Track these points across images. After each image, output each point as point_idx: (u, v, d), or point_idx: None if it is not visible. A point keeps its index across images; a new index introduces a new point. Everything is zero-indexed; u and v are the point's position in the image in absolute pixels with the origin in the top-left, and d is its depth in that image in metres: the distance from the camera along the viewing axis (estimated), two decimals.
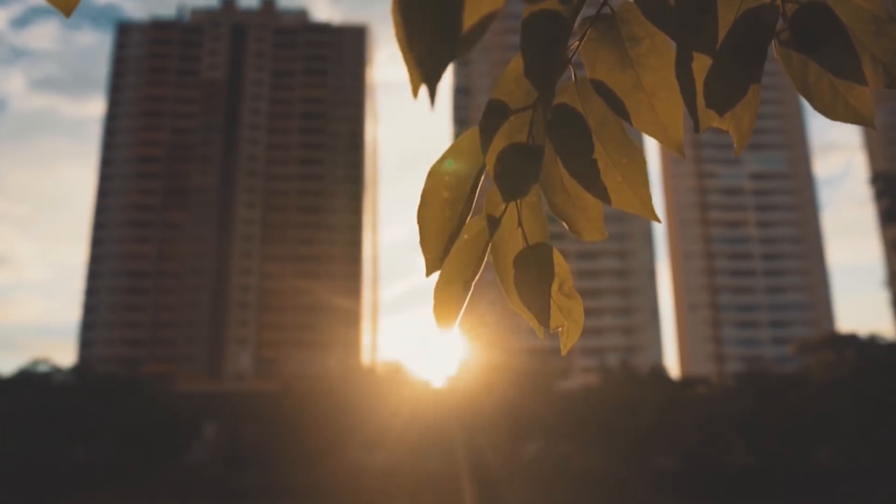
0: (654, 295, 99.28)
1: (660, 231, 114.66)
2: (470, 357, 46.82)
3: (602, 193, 1.12)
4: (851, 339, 50.75)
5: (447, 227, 1.10)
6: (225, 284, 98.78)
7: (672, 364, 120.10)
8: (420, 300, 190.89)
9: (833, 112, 1.10)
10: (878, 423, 43.20)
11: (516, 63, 1.09)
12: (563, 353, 1.19)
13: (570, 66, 1.10)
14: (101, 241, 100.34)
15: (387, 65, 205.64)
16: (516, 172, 1.08)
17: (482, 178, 1.12)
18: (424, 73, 0.78)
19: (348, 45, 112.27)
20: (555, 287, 1.18)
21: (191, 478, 47.66)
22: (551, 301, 1.17)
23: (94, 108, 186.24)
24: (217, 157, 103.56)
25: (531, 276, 1.15)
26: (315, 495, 43.18)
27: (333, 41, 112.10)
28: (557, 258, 1.17)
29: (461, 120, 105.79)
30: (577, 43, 1.10)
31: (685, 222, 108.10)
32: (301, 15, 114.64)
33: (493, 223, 1.15)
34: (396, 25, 0.82)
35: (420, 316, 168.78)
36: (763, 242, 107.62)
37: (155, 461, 49.42)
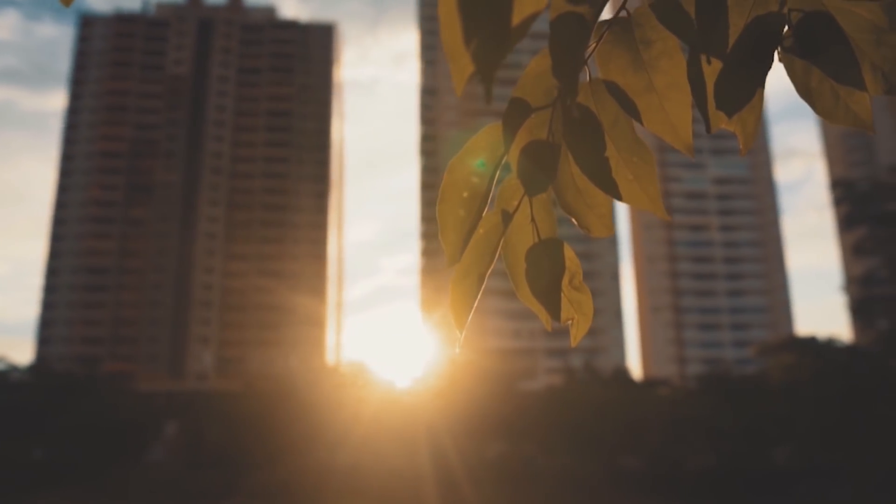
0: (618, 297, 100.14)
1: (624, 234, 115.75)
2: (434, 357, 46.86)
3: (613, 190, 1.16)
4: (810, 342, 51.53)
5: (466, 221, 1.13)
6: (187, 282, 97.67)
7: (635, 365, 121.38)
8: (385, 300, 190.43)
9: (834, 116, 1.15)
10: (835, 424, 44.03)
11: (536, 63, 1.12)
12: (573, 344, 1.22)
13: (586, 68, 1.13)
14: (61, 236, 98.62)
15: (354, 63, 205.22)
16: (539, 169, 1.12)
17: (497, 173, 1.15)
18: (482, 67, 0.82)
19: (316, 42, 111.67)
20: (565, 280, 1.22)
21: (151, 478, 47.08)
22: (561, 294, 1.21)
23: (56, 101, 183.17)
24: (181, 153, 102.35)
25: (543, 270, 1.18)
26: (278, 495, 42.85)
27: (301, 39, 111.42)
28: (568, 252, 1.21)
29: (428, 120, 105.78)
30: (594, 45, 1.14)
31: (649, 225, 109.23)
32: (268, 12, 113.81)
33: (507, 218, 1.19)
34: (450, 23, 0.86)
35: (385, 315, 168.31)
36: (725, 246, 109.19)
37: (114, 461, 48.71)
